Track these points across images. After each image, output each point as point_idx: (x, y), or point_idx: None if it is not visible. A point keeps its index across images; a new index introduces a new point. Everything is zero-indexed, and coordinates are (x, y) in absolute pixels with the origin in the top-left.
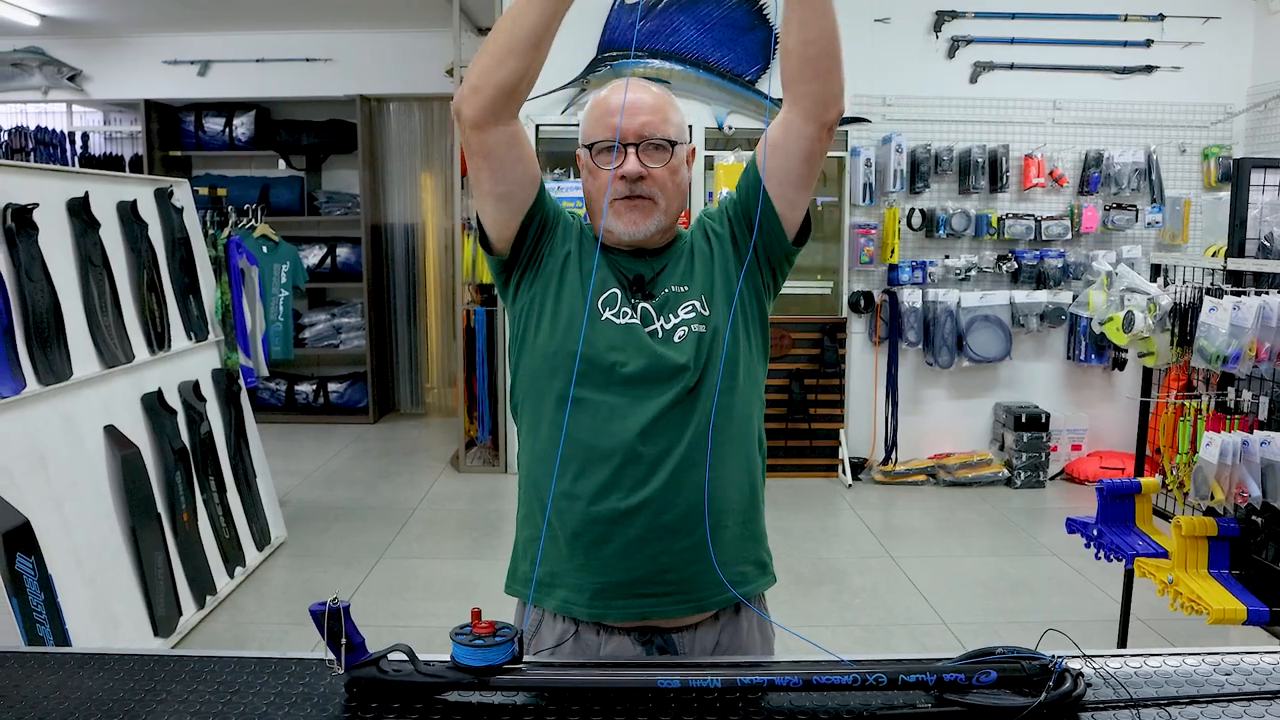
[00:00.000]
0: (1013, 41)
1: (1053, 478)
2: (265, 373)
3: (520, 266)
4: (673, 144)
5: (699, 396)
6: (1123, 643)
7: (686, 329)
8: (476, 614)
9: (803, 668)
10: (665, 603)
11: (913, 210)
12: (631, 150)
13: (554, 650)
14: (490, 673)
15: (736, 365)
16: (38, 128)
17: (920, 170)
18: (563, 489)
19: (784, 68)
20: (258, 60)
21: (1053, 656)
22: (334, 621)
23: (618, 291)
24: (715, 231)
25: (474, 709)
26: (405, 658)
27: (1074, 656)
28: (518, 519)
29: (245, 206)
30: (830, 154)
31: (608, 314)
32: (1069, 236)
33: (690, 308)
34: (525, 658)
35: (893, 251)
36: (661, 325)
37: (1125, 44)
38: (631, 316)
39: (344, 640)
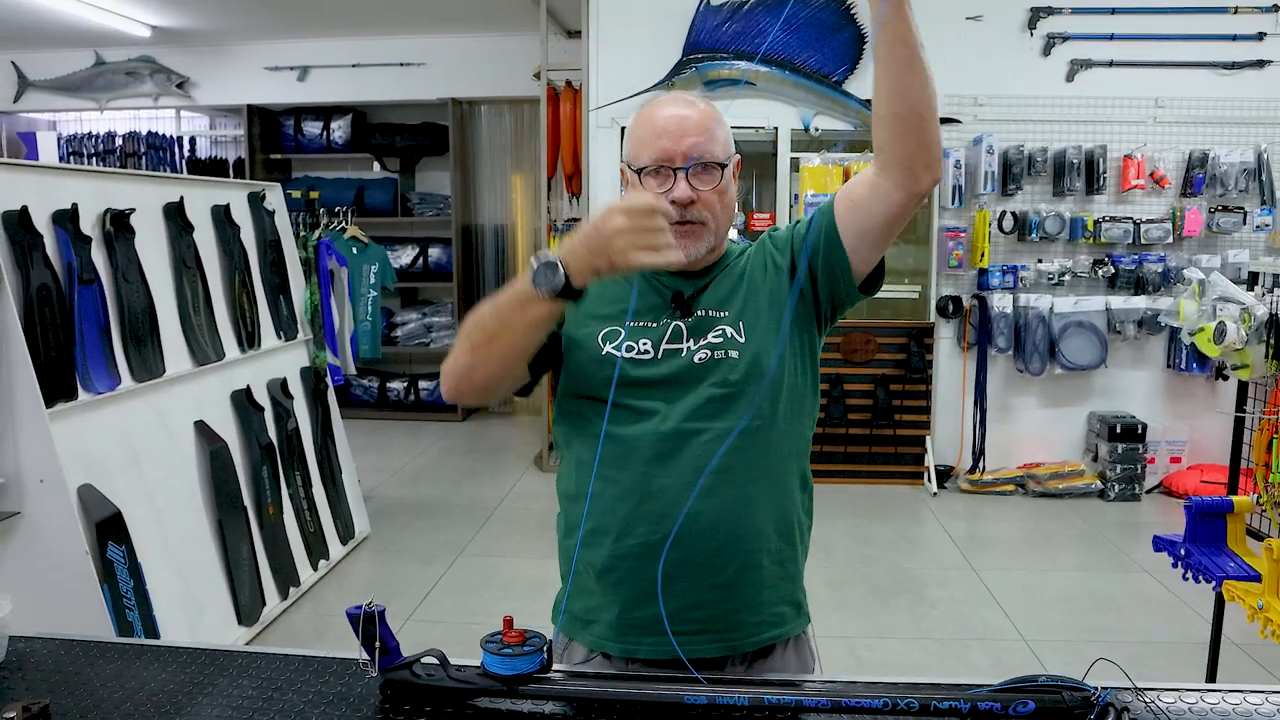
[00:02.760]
0: (1112, 38)
1: (1149, 491)
2: (353, 371)
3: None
4: (722, 166)
5: (726, 428)
6: (1212, 669)
7: (709, 353)
8: (508, 622)
9: (833, 689)
10: (696, 641)
11: (1004, 213)
12: (681, 175)
13: (584, 663)
14: (519, 681)
15: (777, 400)
16: (149, 133)
17: (1012, 172)
18: (592, 525)
19: (875, 134)
20: (354, 65)
21: (1098, 688)
22: (369, 625)
23: (619, 329)
24: (775, 262)
25: (503, 716)
26: (437, 662)
27: (1124, 689)
28: (559, 558)
29: (336, 209)
30: None
31: (608, 348)
32: (1170, 240)
33: (720, 333)
34: (554, 668)
35: (983, 255)
36: (688, 346)
37: (1235, 38)
38: (638, 351)
39: (378, 643)
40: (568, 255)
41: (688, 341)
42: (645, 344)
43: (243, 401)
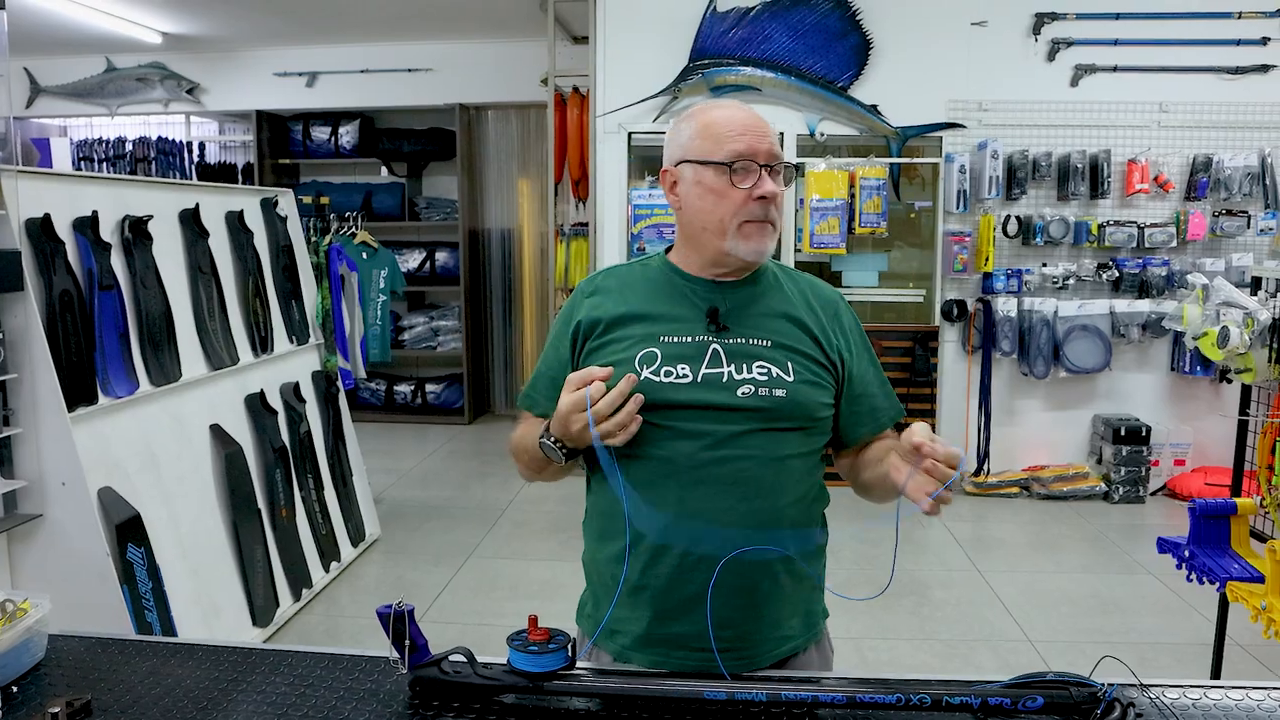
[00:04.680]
0: (1116, 43)
1: (1154, 493)
2: (363, 375)
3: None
4: (788, 168)
5: (765, 456)
6: (1217, 669)
7: (752, 389)
8: (533, 621)
9: (848, 685)
10: (722, 656)
11: (1009, 217)
12: (765, 171)
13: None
14: (544, 678)
15: (811, 433)
16: (159, 138)
17: (1017, 176)
18: (626, 542)
19: (850, 478)
20: (362, 71)
21: (1104, 684)
22: (399, 624)
23: (656, 350)
24: (832, 337)
25: (528, 711)
26: (465, 660)
27: (1129, 685)
28: (584, 560)
29: (346, 214)
30: (924, 160)
31: (646, 373)
32: (1174, 244)
33: (765, 370)
34: (578, 665)
35: (987, 259)
36: (729, 373)
37: (1239, 42)
38: (676, 376)
39: (408, 641)
40: (560, 436)
41: (728, 367)
42: (684, 369)
43: (256, 405)
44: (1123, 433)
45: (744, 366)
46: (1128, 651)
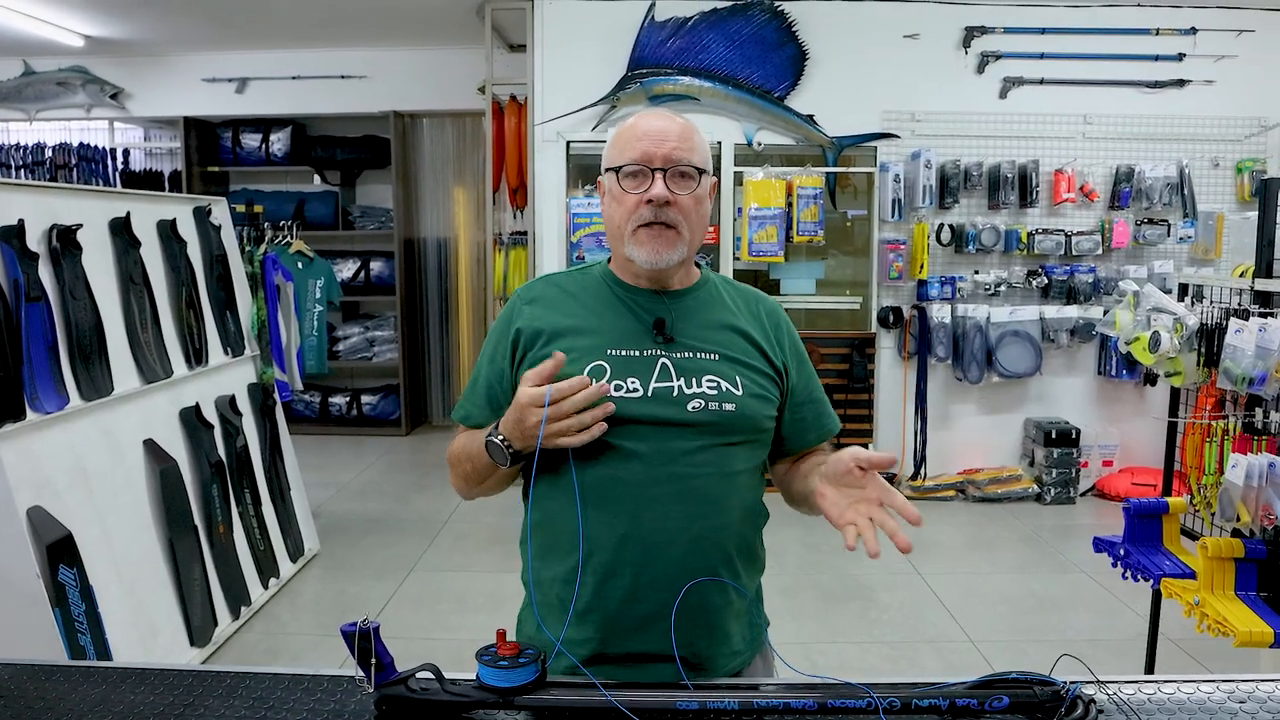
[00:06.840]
0: (1042, 57)
1: (1083, 494)
2: (300, 387)
3: None
4: (699, 171)
5: (716, 473)
6: (1150, 663)
7: (703, 402)
8: (502, 635)
9: (818, 692)
10: (680, 672)
11: (942, 225)
12: (659, 175)
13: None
14: (514, 693)
15: (758, 446)
16: (80, 144)
17: (949, 185)
18: (573, 563)
19: (783, 489)
20: (294, 77)
21: (1066, 682)
22: (364, 642)
23: (604, 364)
24: (774, 348)
25: None
26: (432, 677)
27: (1088, 682)
28: (524, 578)
29: (281, 223)
30: (860, 169)
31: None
32: (1100, 251)
33: (714, 384)
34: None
35: (922, 267)
36: (679, 386)
37: (1157, 58)
38: (627, 390)
39: (374, 660)
40: (509, 435)
41: (677, 380)
42: (634, 382)
43: (192, 419)
44: (1053, 435)
45: (693, 380)
46: (1064, 648)
